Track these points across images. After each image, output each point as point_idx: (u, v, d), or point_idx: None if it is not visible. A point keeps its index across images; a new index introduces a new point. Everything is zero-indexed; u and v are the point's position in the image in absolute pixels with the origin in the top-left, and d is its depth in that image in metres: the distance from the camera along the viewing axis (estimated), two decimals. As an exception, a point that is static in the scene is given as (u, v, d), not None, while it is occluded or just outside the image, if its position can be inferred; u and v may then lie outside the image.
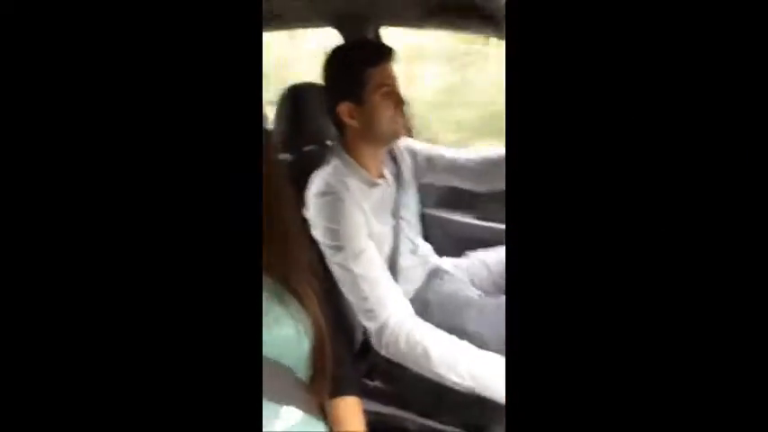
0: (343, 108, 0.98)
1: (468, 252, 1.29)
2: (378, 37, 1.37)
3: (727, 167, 0.36)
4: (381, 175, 1.08)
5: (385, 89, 0.97)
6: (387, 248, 1.06)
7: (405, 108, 1.00)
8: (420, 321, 0.90)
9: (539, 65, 0.38)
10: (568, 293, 0.38)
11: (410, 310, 0.93)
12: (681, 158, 0.36)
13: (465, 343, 0.86)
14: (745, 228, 0.36)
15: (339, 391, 0.69)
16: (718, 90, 0.36)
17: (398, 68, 1.00)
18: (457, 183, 1.23)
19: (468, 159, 1.18)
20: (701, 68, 0.36)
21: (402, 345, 0.87)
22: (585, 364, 0.38)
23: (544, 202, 0.38)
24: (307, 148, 1.14)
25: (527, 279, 0.39)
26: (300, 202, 0.95)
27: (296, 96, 1.11)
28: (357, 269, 0.91)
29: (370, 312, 0.90)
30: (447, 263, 1.26)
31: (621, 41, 0.37)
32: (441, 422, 0.98)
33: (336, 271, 0.93)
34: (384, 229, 1.06)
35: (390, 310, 0.90)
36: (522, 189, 0.39)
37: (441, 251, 1.28)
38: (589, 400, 0.38)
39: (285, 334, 0.61)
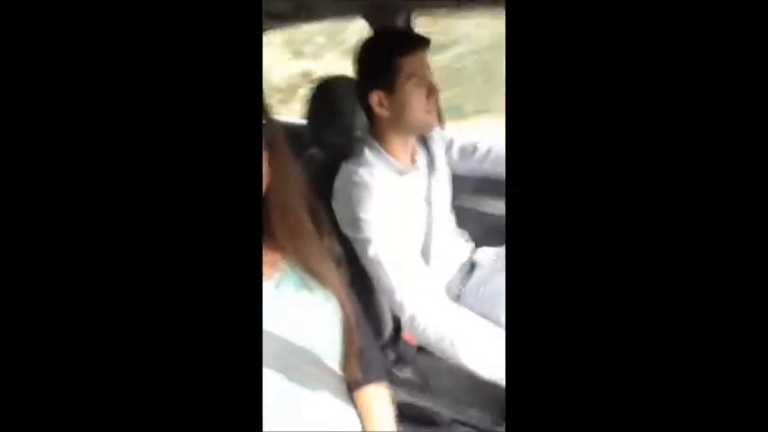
0: (374, 97, 0.98)
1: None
2: (409, 27, 1.36)
3: (726, 162, 0.35)
4: (413, 163, 1.08)
5: (417, 79, 0.96)
6: (419, 237, 1.06)
7: (437, 98, 0.99)
8: (450, 312, 0.90)
9: (540, 55, 0.37)
10: (569, 286, 0.38)
11: (441, 299, 0.93)
12: (687, 155, 0.36)
13: (498, 330, 0.85)
14: (744, 226, 0.35)
15: (367, 379, 0.70)
16: (719, 77, 0.35)
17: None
18: (492, 172, 1.20)
19: (502, 149, 1.15)
20: (703, 57, 0.35)
21: (431, 336, 0.88)
22: (586, 359, 0.37)
23: (545, 198, 0.38)
24: (337, 142, 1.15)
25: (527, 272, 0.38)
26: (325, 192, 0.97)
27: (326, 90, 1.13)
28: (385, 260, 0.91)
29: (399, 304, 0.91)
30: (483, 252, 1.25)
31: (625, 37, 0.36)
32: (471, 413, 0.97)
33: (366, 263, 0.93)
34: (416, 218, 1.06)
35: (419, 301, 0.90)
36: (523, 182, 0.38)
37: (476, 241, 1.26)
38: (589, 396, 0.37)
39: (314, 320, 0.63)
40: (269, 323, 0.58)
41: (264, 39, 1.50)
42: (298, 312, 0.62)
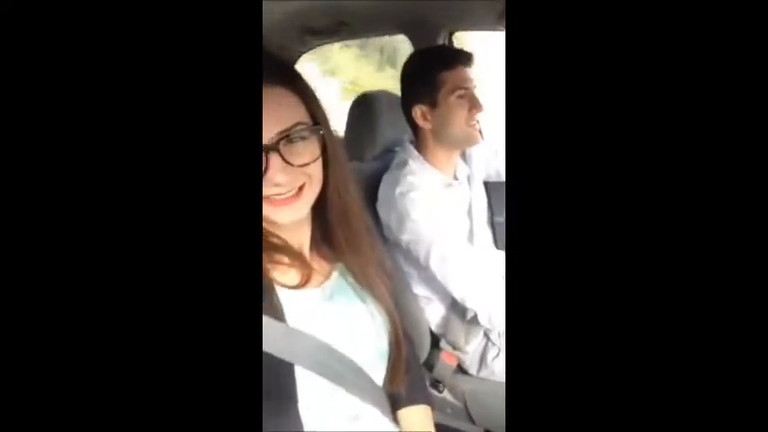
0: (417, 110, 1.00)
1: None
2: (450, 43, 1.36)
3: (726, 162, 0.35)
4: (455, 177, 1.08)
5: (460, 92, 0.97)
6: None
7: (480, 112, 0.99)
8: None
9: (540, 62, 0.37)
10: (571, 290, 0.37)
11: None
12: (690, 157, 0.35)
13: None
14: (744, 225, 0.35)
15: (410, 399, 0.68)
16: (719, 84, 0.35)
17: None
18: None
19: None
20: (702, 64, 0.35)
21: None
22: (587, 364, 0.36)
23: (547, 202, 0.37)
24: (377, 155, 1.15)
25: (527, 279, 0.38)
26: (369, 204, 0.97)
27: (367, 104, 1.13)
28: (443, 262, 0.94)
29: (461, 302, 0.96)
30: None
31: (625, 41, 0.36)
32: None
33: (436, 266, 0.95)
34: (460, 229, 1.04)
35: (480, 294, 0.95)
36: (524, 188, 0.38)
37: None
38: (592, 403, 0.36)
39: (364, 330, 0.62)
40: (319, 332, 0.56)
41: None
42: (349, 323, 0.61)
